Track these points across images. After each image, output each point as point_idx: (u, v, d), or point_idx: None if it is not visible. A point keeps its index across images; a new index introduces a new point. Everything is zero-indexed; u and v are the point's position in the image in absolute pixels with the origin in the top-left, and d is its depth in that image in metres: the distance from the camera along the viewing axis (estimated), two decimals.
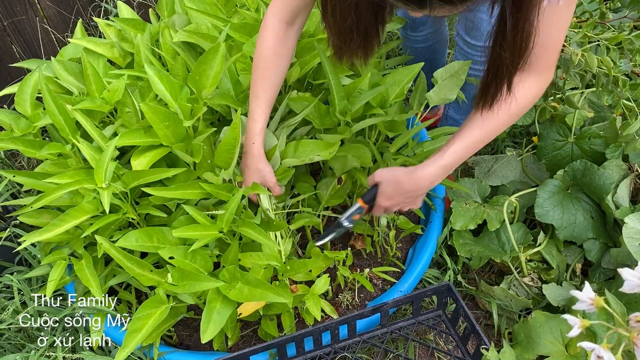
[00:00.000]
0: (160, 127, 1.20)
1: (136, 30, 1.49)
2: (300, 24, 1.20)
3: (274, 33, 1.16)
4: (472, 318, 1.26)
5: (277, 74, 1.21)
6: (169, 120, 1.21)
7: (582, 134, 1.60)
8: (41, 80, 1.24)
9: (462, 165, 1.96)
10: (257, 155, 1.24)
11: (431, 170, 1.15)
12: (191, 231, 1.17)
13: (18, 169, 1.94)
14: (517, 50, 0.90)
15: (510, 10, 0.83)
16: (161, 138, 1.22)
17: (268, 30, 1.17)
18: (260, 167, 1.26)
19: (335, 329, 1.32)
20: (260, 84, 1.19)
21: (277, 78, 1.21)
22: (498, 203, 1.60)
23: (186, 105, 1.24)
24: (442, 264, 1.64)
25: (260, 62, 1.18)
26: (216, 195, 1.22)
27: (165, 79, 1.25)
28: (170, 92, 1.25)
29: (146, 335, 1.16)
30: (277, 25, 1.16)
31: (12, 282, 1.40)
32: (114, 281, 1.34)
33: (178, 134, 1.24)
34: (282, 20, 1.16)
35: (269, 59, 1.18)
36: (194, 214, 1.21)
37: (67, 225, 1.18)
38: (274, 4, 1.16)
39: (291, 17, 1.16)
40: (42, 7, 2.03)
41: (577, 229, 1.50)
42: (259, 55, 1.18)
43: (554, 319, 1.31)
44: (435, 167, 1.15)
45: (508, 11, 0.83)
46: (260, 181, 1.27)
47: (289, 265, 1.30)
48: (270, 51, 1.17)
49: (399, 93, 1.45)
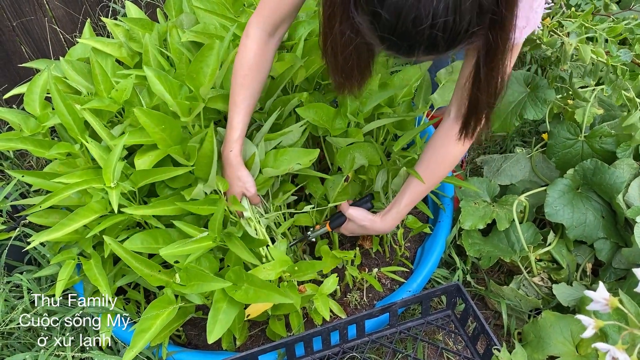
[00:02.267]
0: (155, 130, 1.19)
1: (144, 30, 1.49)
2: (280, 34, 1.23)
3: (256, 43, 1.19)
4: (482, 318, 1.25)
5: (257, 83, 1.24)
6: (164, 123, 1.20)
7: (593, 132, 1.58)
8: (50, 80, 1.24)
9: (471, 165, 1.95)
10: (235, 164, 1.25)
11: (389, 221, 1.37)
12: (179, 248, 1.16)
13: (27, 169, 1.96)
14: (492, 92, 1.01)
15: (484, 59, 0.93)
16: (157, 142, 1.21)
17: (250, 39, 1.19)
18: (239, 175, 1.27)
19: (344, 328, 1.31)
20: (239, 93, 1.22)
21: (256, 87, 1.24)
22: (507, 202, 1.59)
23: (184, 103, 1.23)
24: (451, 263, 1.63)
25: (240, 71, 1.21)
26: (195, 212, 1.21)
27: (164, 79, 1.25)
28: (169, 91, 1.25)
29: (154, 335, 1.16)
30: (259, 36, 1.19)
31: (22, 282, 1.40)
32: (123, 281, 1.34)
33: (175, 137, 1.23)
34: (264, 31, 1.19)
35: (249, 69, 1.21)
36: (183, 228, 1.20)
37: (76, 224, 1.18)
38: (258, 14, 1.19)
39: (273, 28, 1.20)
40: (50, 8, 2.03)
41: (588, 228, 1.49)
42: (239, 64, 1.21)
43: (564, 319, 1.30)
44: (393, 217, 1.36)
45: (482, 60, 0.93)
46: (241, 190, 1.29)
47: (297, 267, 1.30)
48: (252, 61, 1.20)
49: (406, 92, 1.45)
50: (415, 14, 0.75)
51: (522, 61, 2.14)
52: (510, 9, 0.83)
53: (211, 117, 1.42)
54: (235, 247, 1.21)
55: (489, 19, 0.82)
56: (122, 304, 1.40)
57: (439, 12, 0.75)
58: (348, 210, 1.38)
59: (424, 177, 1.30)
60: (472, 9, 0.77)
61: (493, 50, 0.90)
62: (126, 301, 1.44)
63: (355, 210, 1.38)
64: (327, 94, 1.50)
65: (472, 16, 0.77)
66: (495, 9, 0.81)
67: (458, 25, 0.77)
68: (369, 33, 0.84)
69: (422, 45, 0.80)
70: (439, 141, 1.28)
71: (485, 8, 0.79)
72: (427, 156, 1.31)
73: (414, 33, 0.77)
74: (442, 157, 1.29)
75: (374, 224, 1.37)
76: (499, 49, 0.90)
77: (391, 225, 1.38)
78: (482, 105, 1.04)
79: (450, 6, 0.75)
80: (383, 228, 1.37)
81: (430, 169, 1.31)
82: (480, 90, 1.00)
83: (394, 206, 1.36)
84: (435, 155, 1.29)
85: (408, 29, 0.77)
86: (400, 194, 1.36)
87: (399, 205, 1.35)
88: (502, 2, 0.81)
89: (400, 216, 1.37)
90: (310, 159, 1.31)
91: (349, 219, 1.39)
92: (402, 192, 1.36)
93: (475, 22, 0.79)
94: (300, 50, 1.42)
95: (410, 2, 0.75)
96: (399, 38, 0.80)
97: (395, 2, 0.76)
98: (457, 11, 0.75)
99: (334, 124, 1.37)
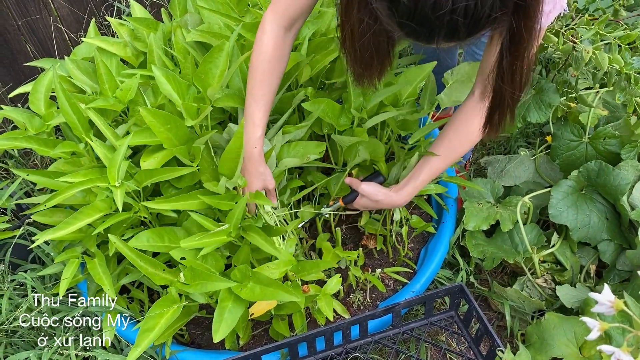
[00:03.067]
0: (161, 130, 1.20)
1: (149, 29, 1.50)
2: (296, 29, 1.22)
3: (273, 38, 1.18)
4: (485, 319, 1.25)
5: (275, 78, 1.23)
6: (170, 123, 1.20)
7: (597, 133, 1.58)
8: (55, 79, 1.25)
9: (475, 165, 1.95)
10: (258, 159, 1.26)
11: (404, 195, 1.34)
12: (198, 240, 1.16)
13: (32, 168, 1.96)
14: (516, 84, 0.98)
15: (508, 47, 0.89)
16: (163, 141, 1.21)
17: (267, 34, 1.18)
18: (261, 170, 1.28)
19: (347, 329, 1.31)
20: (259, 88, 1.21)
21: (275, 82, 1.24)
22: (511, 203, 1.58)
23: (192, 105, 1.23)
24: (455, 264, 1.63)
25: (259, 66, 1.20)
26: (216, 206, 1.21)
27: (173, 79, 1.25)
28: (177, 92, 1.25)
29: (158, 334, 1.16)
30: (276, 31, 1.18)
31: (26, 280, 1.40)
32: (126, 280, 1.34)
33: (181, 137, 1.24)
34: (280, 26, 1.18)
35: (267, 64, 1.20)
36: (200, 221, 1.21)
37: (80, 223, 1.18)
38: (273, 9, 1.18)
39: (289, 23, 1.19)
40: (55, 7, 2.04)
41: (592, 230, 1.49)
42: (257, 60, 1.20)
43: (567, 321, 1.30)
44: (409, 192, 1.34)
45: (505, 48, 0.89)
46: (262, 185, 1.30)
47: (301, 266, 1.30)
48: (269, 55, 1.19)
49: (411, 92, 1.45)
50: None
51: None
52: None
53: (218, 117, 1.42)
54: (254, 239, 1.21)
55: (513, 4, 0.79)
56: (126, 303, 1.40)
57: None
58: (361, 186, 1.36)
59: (445, 154, 1.29)
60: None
61: (517, 38, 0.86)
62: (130, 300, 1.45)
63: (368, 186, 1.35)
64: (331, 93, 1.51)
65: (494, 0, 0.74)
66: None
67: (480, 10, 0.74)
68: (387, 19, 0.81)
69: (442, 31, 0.77)
70: (462, 118, 1.26)
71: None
72: (449, 133, 1.29)
73: (433, 18, 0.74)
74: (465, 135, 1.26)
75: (389, 198, 1.34)
76: (523, 37, 0.86)
77: (406, 200, 1.35)
78: (506, 98, 1.01)
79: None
80: (398, 201, 1.35)
81: (451, 146, 1.29)
82: (504, 81, 0.97)
83: (411, 180, 1.34)
84: (458, 133, 1.27)
85: (427, 14, 0.74)
86: (417, 169, 1.33)
87: (417, 179, 1.33)
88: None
89: (416, 191, 1.35)
90: (320, 150, 1.36)
91: (360, 195, 1.37)
92: (419, 167, 1.33)
93: (498, 6, 0.75)
94: (305, 50, 1.42)
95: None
96: (418, 24, 0.77)
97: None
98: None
99: (339, 120, 1.38)
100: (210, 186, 1.21)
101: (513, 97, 1.01)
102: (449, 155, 1.30)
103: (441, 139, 1.30)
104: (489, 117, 1.10)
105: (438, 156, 1.29)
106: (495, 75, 0.98)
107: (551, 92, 1.58)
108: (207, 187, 1.22)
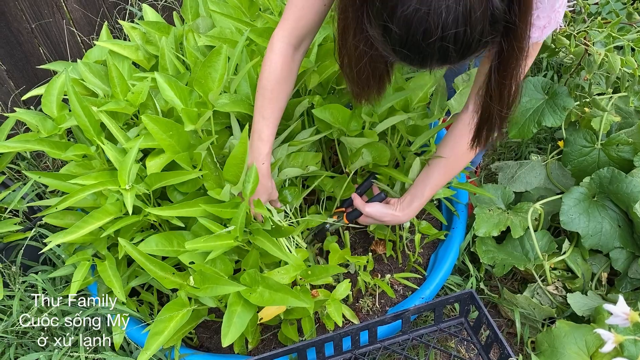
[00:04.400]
0: (163, 137, 1.20)
1: (161, 33, 1.50)
2: (305, 47, 1.23)
3: (282, 57, 1.19)
4: (495, 326, 1.24)
5: (284, 97, 1.25)
6: (172, 130, 1.21)
7: (610, 140, 1.57)
8: (67, 82, 1.26)
9: (485, 171, 1.94)
10: (265, 174, 1.28)
11: (410, 214, 1.37)
12: (204, 242, 1.16)
13: (43, 169, 1.98)
14: (504, 102, 0.99)
15: (497, 66, 0.91)
16: (165, 148, 1.21)
17: (276, 54, 1.19)
18: (268, 185, 1.30)
19: (356, 334, 1.31)
20: (268, 106, 1.22)
21: (284, 100, 1.25)
22: (522, 210, 1.57)
23: (192, 110, 1.23)
24: (465, 270, 1.62)
25: (268, 86, 1.21)
26: (218, 214, 1.21)
27: (175, 85, 1.25)
28: (180, 97, 1.25)
29: (168, 337, 1.16)
30: (285, 49, 1.19)
31: (37, 282, 1.41)
32: (136, 282, 1.35)
33: (183, 143, 1.24)
34: (290, 45, 1.19)
35: (276, 83, 1.21)
36: (207, 225, 1.21)
37: (91, 226, 1.19)
38: (283, 27, 1.18)
39: (298, 41, 1.19)
40: (69, 10, 2.05)
41: (604, 237, 1.47)
42: (267, 80, 1.21)
43: (578, 329, 1.29)
44: (414, 209, 1.36)
45: (494, 67, 0.91)
46: (268, 197, 1.32)
47: (310, 271, 1.30)
48: (278, 75, 1.20)
49: (422, 97, 1.45)
50: (424, 27, 0.75)
51: (539, 67, 2.13)
52: (523, 18, 0.82)
53: (224, 122, 1.42)
54: (262, 243, 1.21)
55: (503, 27, 0.81)
56: (136, 306, 1.40)
57: (448, 24, 0.75)
58: (365, 209, 1.38)
59: (446, 171, 1.31)
60: (484, 19, 0.76)
61: (506, 59, 0.89)
62: (139, 303, 1.45)
63: (372, 208, 1.37)
64: (341, 98, 1.50)
65: (483, 26, 0.77)
66: (508, 18, 0.80)
67: (469, 36, 0.77)
68: (382, 45, 0.84)
69: (434, 57, 0.80)
70: (457, 134, 1.27)
71: (497, 17, 0.78)
72: (445, 151, 1.31)
73: (424, 46, 0.78)
74: (461, 151, 1.28)
75: (395, 218, 1.37)
76: (512, 58, 0.89)
77: (411, 217, 1.38)
78: (494, 116, 1.03)
79: (460, 18, 0.74)
80: (404, 220, 1.38)
81: (449, 164, 1.31)
82: (492, 99, 0.99)
83: (415, 199, 1.36)
84: (456, 149, 1.29)
85: (418, 41, 0.78)
86: (420, 185, 1.35)
87: (421, 198, 1.35)
88: (514, 11, 0.80)
89: (421, 207, 1.37)
90: (317, 161, 1.40)
91: (365, 215, 1.39)
92: (422, 183, 1.35)
93: (487, 31, 0.78)
94: (314, 55, 1.42)
95: (419, 15, 0.75)
96: (411, 51, 0.80)
97: (405, 16, 0.76)
98: (467, 22, 0.75)
99: (350, 125, 1.37)
100: (214, 194, 1.21)
101: (501, 115, 1.02)
102: (447, 172, 1.33)
103: (440, 153, 1.32)
104: (476, 133, 1.11)
105: (439, 171, 1.32)
106: (484, 92, 1.00)
107: (564, 95, 1.56)
108: (211, 194, 1.22)
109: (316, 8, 1.12)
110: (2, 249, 1.51)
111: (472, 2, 0.74)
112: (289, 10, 1.16)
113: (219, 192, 1.21)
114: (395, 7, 0.76)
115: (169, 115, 1.38)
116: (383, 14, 0.78)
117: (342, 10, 0.90)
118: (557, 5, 1.01)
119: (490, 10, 0.76)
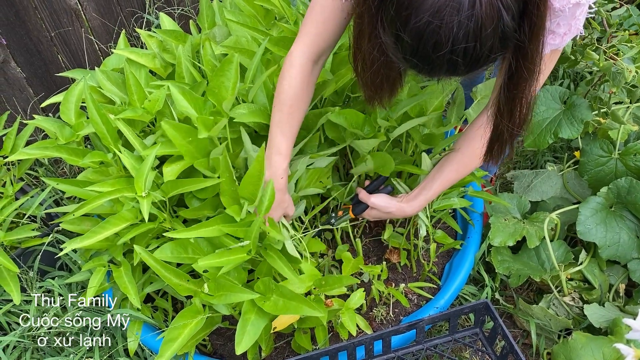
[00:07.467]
0: (182, 143, 1.21)
1: (177, 41, 1.51)
2: (323, 61, 1.24)
3: (301, 72, 1.19)
4: (510, 337, 1.23)
5: (302, 111, 1.25)
6: (191, 136, 1.22)
7: (627, 149, 1.55)
8: (85, 90, 1.27)
9: (501, 180, 1.92)
10: (283, 189, 1.28)
11: (416, 206, 1.35)
12: (217, 259, 1.16)
13: (60, 176, 2.00)
14: (514, 120, 1.00)
15: (507, 84, 0.93)
16: (184, 154, 1.22)
17: (295, 69, 1.19)
18: (285, 199, 1.30)
19: (370, 344, 1.30)
20: (287, 121, 1.23)
21: (302, 114, 1.26)
22: (538, 219, 1.56)
23: (208, 118, 1.24)
24: (480, 280, 1.61)
25: (287, 101, 1.21)
26: (234, 234, 1.21)
27: (189, 95, 1.26)
28: (194, 107, 1.26)
29: (182, 344, 1.16)
30: (304, 65, 1.19)
31: (54, 287, 1.43)
32: (151, 288, 1.36)
33: (201, 149, 1.25)
34: (309, 60, 1.19)
35: (295, 99, 1.21)
36: (222, 240, 1.21)
37: (107, 232, 1.20)
38: (302, 42, 1.18)
39: (317, 56, 1.19)
40: (87, 19, 2.08)
41: (621, 248, 1.46)
42: (286, 94, 1.21)
43: (595, 341, 1.27)
44: (421, 202, 1.34)
45: (504, 84, 0.93)
46: (283, 212, 1.32)
47: (324, 281, 1.30)
48: (298, 90, 1.20)
49: (437, 105, 1.44)
50: (435, 39, 0.77)
51: (555, 75, 2.11)
52: (534, 40, 0.84)
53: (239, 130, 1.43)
54: (272, 259, 1.22)
55: (513, 45, 0.83)
56: (150, 312, 1.41)
57: (459, 39, 0.76)
58: (370, 199, 1.37)
59: (458, 167, 1.30)
60: (494, 36, 0.77)
61: (516, 78, 0.90)
62: (154, 309, 1.46)
63: (378, 199, 1.36)
64: (356, 105, 1.50)
65: (493, 42, 0.78)
66: (518, 36, 0.81)
67: (479, 51, 0.78)
68: (393, 52, 0.86)
69: (442, 68, 0.82)
70: (475, 132, 1.25)
71: (507, 34, 0.79)
72: (462, 146, 1.30)
73: (434, 57, 0.80)
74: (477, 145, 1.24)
75: (401, 210, 1.36)
76: (522, 78, 0.90)
77: (417, 210, 1.37)
78: (504, 133, 1.03)
79: (471, 33, 0.76)
80: (410, 212, 1.36)
81: (463, 161, 1.29)
82: (503, 116, 1.00)
83: (423, 191, 1.34)
84: (471, 146, 1.26)
85: (428, 53, 0.80)
86: (430, 179, 1.34)
87: (429, 191, 1.33)
88: (524, 31, 0.81)
89: (427, 202, 1.36)
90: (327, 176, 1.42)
91: (371, 207, 1.38)
92: (432, 177, 1.33)
93: (497, 47, 0.80)
94: (330, 64, 1.42)
95: (431, 28, 0.76)
96: (420, 61, 0.82)
97: (417, 27, 0.77)
98: (477, 38, 0.76)
99: (363, 129, 1.37)
100: (231, 212, 1.21)
101: (511, 133, 1.03)
102: (460, 168, 1.31)
103: (455, 152, 1.31)
104: (489, 148, 1.13)
105: (451, 167, 1.30)
106: (495, 109, 1.02)
107: (584, 107, 1.55)
108: (228, 212, 1.22)
109: (337, 21, 1.13)
110: (20, 254, 1.53)
111: (483, 19, 0.75)
112: (309, 24, 1.16)
113: (236, 209, 1.21)
114: (409, 18, 0.78)
115: (185, 123, 1.39)
116: (396, 23, 0.80)
117: (359, 15, 0.92)
118: (577, 12, 1.00)
119: (501, 27, 0.77)
